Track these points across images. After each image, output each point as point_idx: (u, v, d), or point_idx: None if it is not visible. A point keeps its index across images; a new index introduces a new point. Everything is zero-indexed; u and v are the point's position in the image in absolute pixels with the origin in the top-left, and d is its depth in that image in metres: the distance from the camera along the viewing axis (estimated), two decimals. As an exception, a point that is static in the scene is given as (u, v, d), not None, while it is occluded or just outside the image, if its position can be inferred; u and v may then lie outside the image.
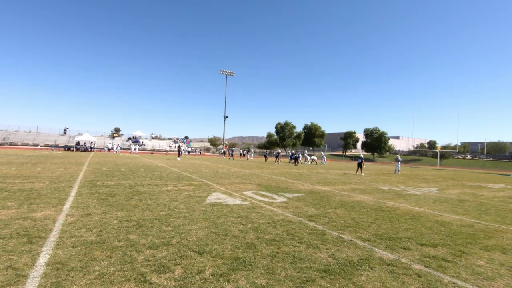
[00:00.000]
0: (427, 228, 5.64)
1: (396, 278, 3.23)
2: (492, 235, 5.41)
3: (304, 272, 3.24)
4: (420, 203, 8.62)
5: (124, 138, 64.64)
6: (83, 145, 44.52)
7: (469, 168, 56.98)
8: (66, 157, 23.50)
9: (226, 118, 63.75)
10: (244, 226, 4.98)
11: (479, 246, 4.66)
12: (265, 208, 6.61)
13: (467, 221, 6.53)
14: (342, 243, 4.37)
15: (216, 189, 9.23)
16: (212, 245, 3.96)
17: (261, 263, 3.44)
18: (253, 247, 3.97)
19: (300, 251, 3.93)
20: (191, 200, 7.03)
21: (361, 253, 3.99)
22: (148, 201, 6.62)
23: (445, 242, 4.73)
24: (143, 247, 3.70)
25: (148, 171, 14.08)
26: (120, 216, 5.19)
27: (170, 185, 9.41)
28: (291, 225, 5.24)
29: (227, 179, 12.16)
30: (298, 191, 9.83)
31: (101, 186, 8.40)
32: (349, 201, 8.24)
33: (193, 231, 4.55)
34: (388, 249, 4.23)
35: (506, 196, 11.68)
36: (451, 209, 7.97)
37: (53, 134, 57.85)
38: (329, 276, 3.18)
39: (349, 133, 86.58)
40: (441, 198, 10.13)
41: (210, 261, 3.40)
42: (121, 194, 7.36)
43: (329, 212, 6.58)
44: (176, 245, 3.85)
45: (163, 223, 4.90)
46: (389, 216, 6.49)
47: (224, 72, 65.03)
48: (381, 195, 10.03)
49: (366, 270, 3.41)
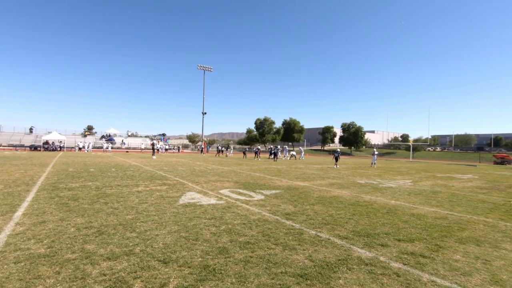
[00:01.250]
0: (403, 222, 5.61)
1: (375, 280, 3.07)
2: (465, 226, 5.47)
3: (279, 278, 2.99)
4: (396, 196, 8.71)
5: (98, 137, 61.72)
6: (51, 145, 41.91)
7: (439, 160, 59.92)
8: (30, 157, 21.90)
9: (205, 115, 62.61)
10: (217, 228, 4.67)
11: (454, 239, 4.65)
12: (241, 207, 6.33)
13: (441, 213, 6.61)
14: (319, 243, 4.18)
15: (191, 188, 8.82)
16: (180, 252, 3.62)
17: (233, 270, 3.15)
18: (225, 252, 3.67)
19: (276, 254, 3.69)
20: (163, 201, 6.60)
21: (339, 253, 3.81)
22: (114, 204, 6.12)
23: (421, 236, 4.68)
24: (100, 259, 3.29)
25: (119, 170, 13.33)
26: (79, 222, 4.70)
27: (142, 186, 8.87)
28: (268, 225, 5.00)
29: (204, 177, 11.74)
30: (276, 187, 9.64)
31: (63, 189, 7.73)
32: (327, 197, 8.15)
33: (160, 236, 4.18)
34: (366, 247, 4.10)
35: (474, 187, 12.18)
36: (425, 201, 8.10)
37: (17, 133, 54.01)
38: (305, 282, 2.95)
39: (327, 128, 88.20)
40: (415, 190, 10.34)
41: (176, 271, 3.07)
42: (85, 197, 6.78)
43: (307, 209, 6.41)
44: (139, 254, 3.47)
45: (128, 228, 4.48)
46: (367, 211, 6.43)
47: (201, 67, 63.62)
48: (358, 189, 10.07)
49: (344, 272, 3.22)
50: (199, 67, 63.59)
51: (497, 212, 6.97)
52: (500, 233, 5.09)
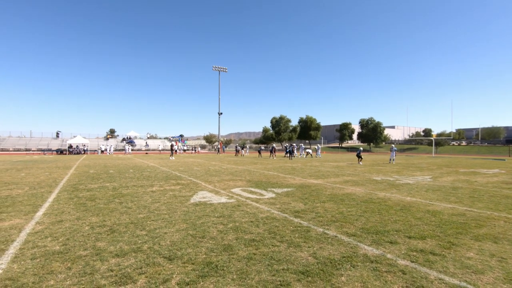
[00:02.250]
0: (417, 219, 5.43)
1: (379, 277, 3.01)
2: (483, 223, 5.22)
3: (280, 275, 3.00)
4: (412, 193, 8.43)
5: (119, 139, 63.95)
6: (75, 148, 43.89)
7: (465, 154, 57.20)
8: (56, 161, 23.06)
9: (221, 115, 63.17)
10: (224, 226, 4.74)
11: (470, 236, 4.46)
12: (250, 206, 6.37)
13: (459, 209, 6.34)
14: (326, 240, 4.14)
15: (203, 187, 8.97)
16: (185, 249, 3.70)
17: (235, 267, 3.19)
18: (229, 249, 3.72)
19: (280, 251, 3.69)
20: (175, 201, 6.77)
21: (345, 250, 3.76)
22: (128, 204, 6.34)
23: (434, 234, 4.52)
24: (109, 256, 3.44)
25: (137, 172, 13.76)
26: (93, 221, 4.92)
27: (156, 186, 9.13)
28: (275, 223, 5.00)
29: (217, 177, 11.89)
30: (289, 185, 9.61)
31: (82, 190, 8.10)
32: (339, 194, 8.02)
33: (168, 234, 4.30)
34: (374, 244, 4.01)
35: (500, 181, 11.55)
36: (443, 197, 7.79)
37: (45, 138, 57.05)
38: (306, 278, 2.94)
39: (345, 125, 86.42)
40: (434, 186, 9.96)
41: (180, 267, 3.15)
42: (101, 197, 7.08)
43: (317, 207, 6.35)
44: (146, 251, 3.60)
45: (138, 227, 4.64)
46: (379, 208, 6.28)
47: (216, 68, 64.23)
48: (373, 186, 9.84)
49: (347, 269, 3.18)
50: (214, 68, 64.22)
51: (521, 208, 6.58)
52: (522, 230, 4.82)
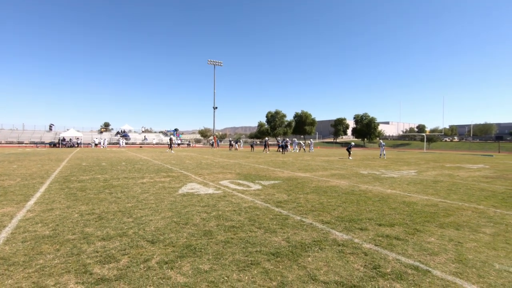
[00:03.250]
0: (391, 209, 5.77)
1: (342, 258, 3.31)
2: (452, 213, 5.57)
3: (252, 256, 3.29)
4: (393, 186, 8.79)
5: (113, 133, 63.66)
6: (69, 141, 43.69)
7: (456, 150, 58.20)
8: (48, 153, 23.07)
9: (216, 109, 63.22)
10: (208, 215, 5.01)
11: (436, 223, 4.80)
12: (236, 197, 6.64)
13: (434, 200, 6.69)
14: (301, 227, 4.44)
15: (193, 179, 9.22)
16: (168, 234, 3.97)
17: (212, 249, 3.47)
18: (209, 234, 4.00)
19: (256, 236, 3.98)
20: (163, 191, 7.01)
21: (317, 236, 4.06)
22: (118, 194, 6.57)
23: (403, 222, 4.85)
24: (96, 239, 3.69)
25: (129, 164, 13.95)
26: (83, 210, 5.15)
27: (147, 178, 9.36)
28: (257, 212, 5.29)
29: (208, 170, 12.15)
30: (276, 178, 9.90)
31: (74, 181, 8.30)
32: (323, 186, 8.34)
33: (153, 221, 4.55)
34: (345, 231, 4.32)
35: (481, 176, 12.00)
36: (422, 190, 8.16)
37: (38, 131, 56.54)
38: (275, 259, 3.23)
39: (339, 120, 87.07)
40: (416, 180, 10.35)
41: (161, 249, 3.42)
42: (92, 188, 7.29)
43: (300, 198, 6.65)
44: (131, 236, 3.85)
45: (126, 214, 4.89)
46: (358, 199, 6.60)
47: (211, 62, 64.02)
48: (358, 179, 10.18)
49: (315, 252, 3.48)
50: (209, 62, 63.99)
51: (492, 199, 6.97)
52: (486, 219, 5.17)
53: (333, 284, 2.71)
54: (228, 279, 2.75)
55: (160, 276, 2.77)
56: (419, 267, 3.11)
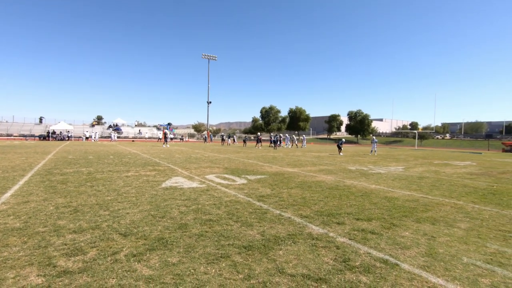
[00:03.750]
0: (372, 204, 5.80)
1: (314, 251, 3.31)
2: (431, 208, 5.63)
3: (223, 249, 3.27)
4: (378, 181, 8.85)
5: (105, 127, 62.91)
6: (59, 134, 43.05)
7: (447, 147, 59.01)
8: (36, 146, 22.70)
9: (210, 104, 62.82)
10: (187, 208, 4.97)
11: (413, 218, 4.84)
12: (219, 190, 6.62)
13: (415, 196, 6.76)
14: (278, 221, 4.44)
15: (179, 173, 9.16)
16: (142, 227, 3.93)
17: (185, 242, 3.44)
18: (184, 227, 3.97)
19: (231, 229, 3.96)
20: (146, 185, 6.95)
21: (293, 229, 4.06)
22: (99, 187, 6.49)
23: (381, 216, 4.88)
24: (66, 232, 3.63)
25: (116, 158, 13.79)
26: (60, 202, 5.07)
27: (132, 171, 9.26)
28: (237, 206, 5.27)
29: (196, 164, 12.08)
30: (263, 173, 9.90)
31: (56, 174, 8.17)
32: (309, 181, 8.36)
33: (130, 214, 4.50)
34: (322, 225, 4.33)
35: (466, 172, 12.18)
36: (406, 185, 8.24)
37: (28, 124, 55.56)
38: (246, 252, 3.22)
39: (333, 116, 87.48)
40: (402, 176, 10.45)
41: (131, 242, 3.38)
42: (74, 181, 7.18)
43: (283, 192, 6.66)
44: (104, 229, 3.80)
45: (103, 207, 4.82)
46: (341, 194, 6.63)
47: (206, 56, 63.39)
48: (345, 174, 10.24)
49: (287, 245, 3.47)
50: (204, 56, 63.37)
51: (473, 195, 7.07)
52: (463, 214, 5.24)
53: (300, 277, 2.71)
54: (194, 272, 2.73)
55: (126, 269, 2.73)
56: (388, 261, 3.13)
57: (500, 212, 5.48)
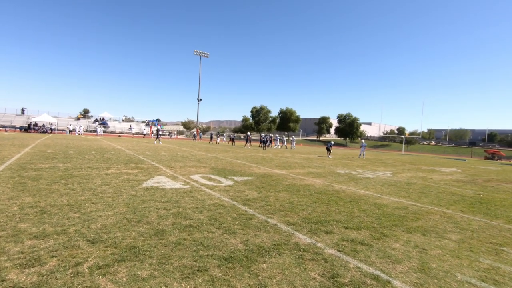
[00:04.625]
0: (361, 211, 5.61)
1: (300, 264, 3.06)
2: (421, 216, 5.49)
3: (201, 261, 2.97)
4: (367, 186, 8.72)
5: (91, 120, 61.18)
6: (41, 127, 41.50)
7: (432, 153, 60.29)
8: (14, 138, 21.68)
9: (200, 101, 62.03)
10: (167, 212, 4.64)
11: (403, 228, 4.67)
12: (203, 192, 6.29)
13: (404, 203, 6.63)
14: (264, 228, 4.17)
15: (163, 172, 8.77)
16: (114, 232, 3.58)
17: (159, 252, 3.12)
18: (161, 234, 3.64)
19: (212, 237, 3.66)
20: (126, 184, 6.55)
21: (278, 238, 3.80)
22: (73, 185, 6.05)
23: (371, 225, 4.68)
24: (27, 238, 3.24)
25: (98, 154, 13.21)
26: (26, 202, 4.64)
27: (113, 168, 8.80)
28: (221, 210, 4.97)
29: (182, 162, 11.68)
30: (251, 174, 9.61)
31: (29, 170, 7.64)
32: (297, 185, 8.14)
33: (103, 217, 4.13)
34: (310, 233, 4.09)
35: (452, 180, 12.26)
36: (395, 192, 8.13)
37: (9, 114, 53.31)
38: (227, 265, 2.93)
39: (323, 119, 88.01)
40: (391, 181, 10.38)
41: (99, 251, 3.03)
42: (47, 178, 6.71)
43: (270, 196, 6.39)
44: (70, 234, 3.43)
45: (74, 209, 4.43)
46: (329, 199, 6.43)
47: (198, 52, 62.54)
48: (334, 178, 10.08)
49: (272, 257, 3.21)
50: (195, 53, 62.52)
51: (461, 204, 7.01)
52: (452, 224, 5.12)
53: (284, 296, 2.45)
54: (166, 289, 2.42)
55: (87, 284, 2.40)
56: (380, 277, 2.90)
57: (489, 223, 5.39)
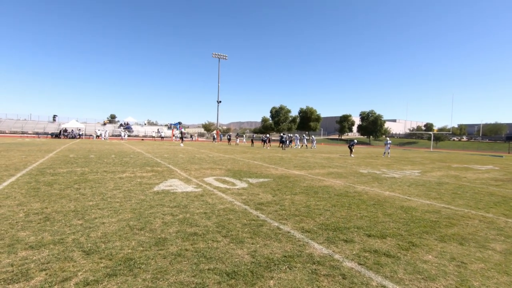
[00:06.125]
0: (386, 215, 5.06)
1: (313, 281, 2.65)
2: (456, 222, 4.85)
3: (200, 276, 2.64)
4: (393, 187, 8.05)
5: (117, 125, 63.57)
6: (71, 132, 43.61)
7: (464, 150, 56.65)
8: (43, 144, 22.75)
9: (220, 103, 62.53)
10: (173, 217, 4.38)
11: (436, 235, 4.09)
12: (214, 196, 6.01)
13: (436, 206, 5.96)
14: (275, 236, 3.78)
15: (177, 175, 8.61)
16: (113, 242, 3.35)
17: (156, 265, 2.84)
18: (162, 243, 3.37)
19: (217, 247, 3.33)
20: (137, 188, 6.41)
21: (290, 248, 3.40)
22: (85, 190, 5.99)
23: (398, 232, 4.15)
24: (22, 247, 3.09)
25: (117, 157, 13.40)
26: (33, 208, 4.57)
27: (128, 172, 8.77)
28: (230, 215, 4.64)
29: (197, 165, 11.53)
30: (267, 176, 9.23)
31: (47, 174, 7.75)
32: (315, 186, 7.65)
33: (106, 224, 3.94)
34: (326, 242, 3.65)
35: (489, 178, 11.16)
36: (424, 193, 7.41)
37: (42, 122, 56.63)
38: (228, 281, 2.58)
39: (345, 117, 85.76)
40: (419, 181, 9.58)
41: (92, 264, 2.80)
42: (61, 182, 6.73)
43: (286, 199, 5.99)
44: (67, 244, 3.24)
45: (78, 215, 4.29)
46: (350, 202, 5.91)
47: (216, 55, 63.12)
48: (356, 179, 9.46)
49: (281, 271, 2.82)
50: (214, 55, 63.12)
51: (503, 206, 6.21)
52: (495, 231, 4.45)
53: (291, 323, 2.06)
54: (155, 312, 2.11)
55: (69, 305, 2.15)
56: (409, 299, 2.43)
57: (540, 229, 4.64)
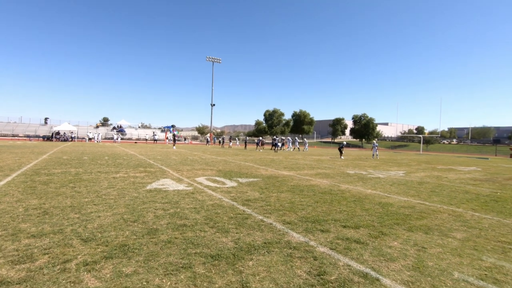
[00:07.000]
0: (364, 210, 5.47)
1: (287, 262, 3.01)
2: (427, 215, 5.27)
3: (188, 259, 2.98)
4: (375, 186, 8.49)
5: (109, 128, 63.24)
6: (63, 135, 43.31)
7: (453, 152, 57.94)
8: (35, 147, 22.71)
9: (213, 106, 62.85)
10: (164, 212, 4.70)
11: (405, 226, 4.50)
12: (204, 193, 6.34)
13: (412, 202, 6.40)
14: (258, 227, 4.14)
15: (169, 175, 8.91)
16: (108, 232, 3.66)
17: (148, 250, 3.16)
18: (153, 233, 3.69)
19: (204, 236, 3.67)
20: (130, 187, 6.70)
21: (271, 237, 3.76)
22: (80, 189, 6.26)
23: (371, 224, 4.55)
24: (24, 236, 3.38)
25: (111, 159, 13.61)
26: (31, 204, 4.84)
27: (122, 172, 9.03)
28: (218, 210, 4.98)
29: (190, 166, 11.83)
30: (257, 176, 9.59)
31: (42, 175, 7.97)
32: (302, 185, 8.04)
33: (101, 218, 4.24)
34: (304, 232, 4.02)
35: (469, 178, 11.71)
36: (404, 191, 7.86)
37: (33, 124, 56.00)
38: (212, 262, 2.93)
39: (338, 120, 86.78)
40: (402, 181, 10.05)
41: (90, 249, 3.11)
42: (57, 182, 6.97)
43: (272, 196, 6.35)
44: (66, 233, 3.54)
45: (75, 210, 4.58)
46: (332, 199, 6.30)
47: (210, 58, 63.58)
48: (342, 178, 9.88)
49: (260, 255, 3.17)
50: (208, 59, 63.56)
51: (474, 202, 6.68)
52: (460, 222, 4.88)
53: (264, 292, 2.41)
54: (146, 285, 2.44)
55: (71, 280, 2.46)
56: (369, 275, 2.81)
57: (502, 221, 5.10)
